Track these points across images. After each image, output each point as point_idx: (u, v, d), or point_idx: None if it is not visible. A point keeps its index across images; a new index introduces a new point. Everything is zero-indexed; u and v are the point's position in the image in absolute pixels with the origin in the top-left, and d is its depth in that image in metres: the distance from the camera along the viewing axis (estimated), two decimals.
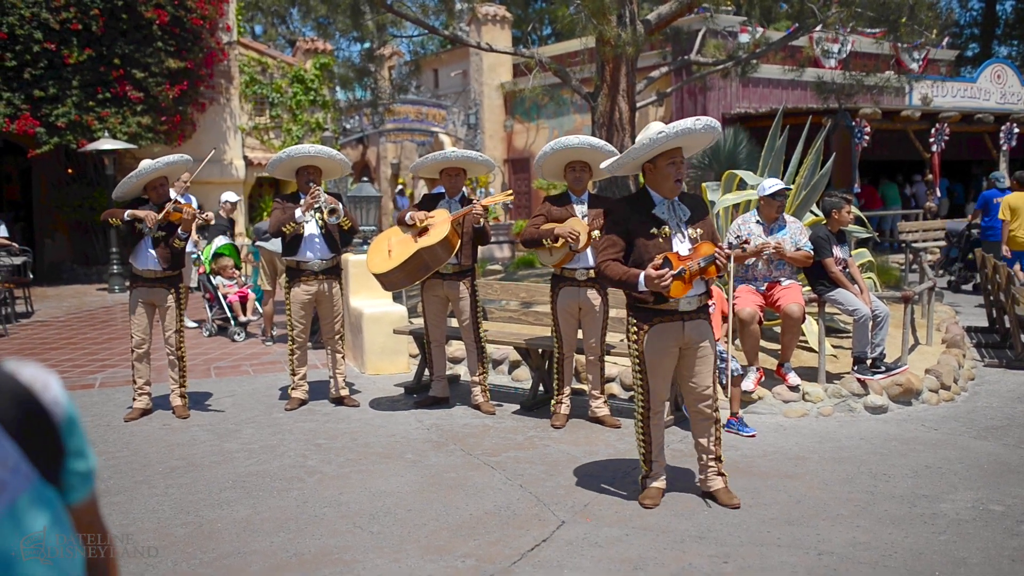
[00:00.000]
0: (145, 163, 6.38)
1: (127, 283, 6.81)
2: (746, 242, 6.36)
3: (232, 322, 9.98)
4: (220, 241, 10.39)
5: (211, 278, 10.23)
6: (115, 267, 14.18)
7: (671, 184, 4.41)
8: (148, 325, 6.54)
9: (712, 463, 4.63)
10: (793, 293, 6.53)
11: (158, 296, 6.49)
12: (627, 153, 4.46)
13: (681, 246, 4.39)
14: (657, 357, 4.46)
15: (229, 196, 10.85)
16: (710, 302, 6.28)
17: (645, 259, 4.31)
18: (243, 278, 10.40)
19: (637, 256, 4.37)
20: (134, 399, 6.58)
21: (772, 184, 6.58)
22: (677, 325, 4.41)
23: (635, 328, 4.49)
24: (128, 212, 6.37)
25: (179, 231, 6.43)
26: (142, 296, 6.48)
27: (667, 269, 4.18)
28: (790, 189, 6.54)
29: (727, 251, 4.31)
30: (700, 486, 4.74)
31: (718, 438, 4.65)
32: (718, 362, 5.99)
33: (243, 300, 10.14)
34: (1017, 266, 10.65)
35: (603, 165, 4.81)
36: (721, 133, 4.58)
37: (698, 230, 4.44)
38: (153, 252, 6.39)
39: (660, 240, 4.36)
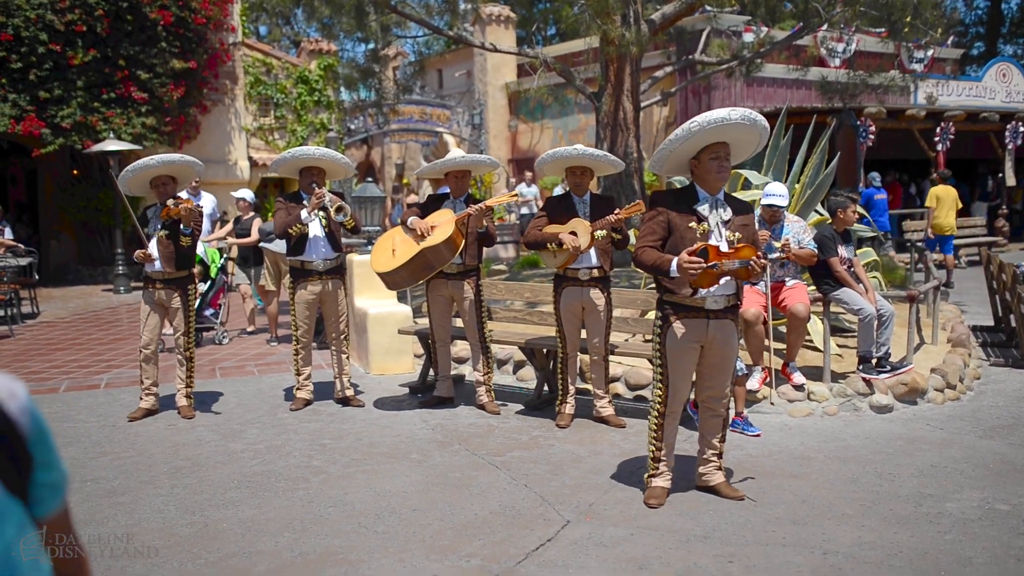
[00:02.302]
0: (156, 156, 6.39)
1: (132, 283, 6.80)
2: (785, 246, 6.38)
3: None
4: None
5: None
6: (120, 268, 14.21)
7: (713, 178, 4.42)
8: (157, 326, 6.56)
9: (714, 458, 4.70)
10: (799, 293, 6.53)
11: (167, 297, 6.51)
12: (666, 144, 4.42)
13: (718, 244, 4.40)
14: (679, 352, 4.47)
15: (245, 194, 10.30)
16: None
17: (681, 250, 4.31)
18: (203, 286, 9.52)
19: (673, 247, 4.39)
20: (140, 399, 6.60)
21: (769, 195, 6.58)
22: (702, 322, 4.44)
23: (660, 322, 4.52)
24: (136, 255, 6.44)
25: (181, 227, 6.40)
26: (152, 297, 6.51)
27: (701, 259, 4.18)
28: (783, 208, 6.55)
29: (764, 260, 4.29)
30: (698, 482, 4.76)
31: (724, 436, 4.72)
32: None
33: None
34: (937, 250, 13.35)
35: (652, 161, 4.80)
36: (767, 130, 4.45)
37: (736, 234, 4.43)
38: (157, 253, 6.41)
39: (698, 235, 4.39)
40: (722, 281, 4.32)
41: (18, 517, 1.10)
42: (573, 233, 5.92)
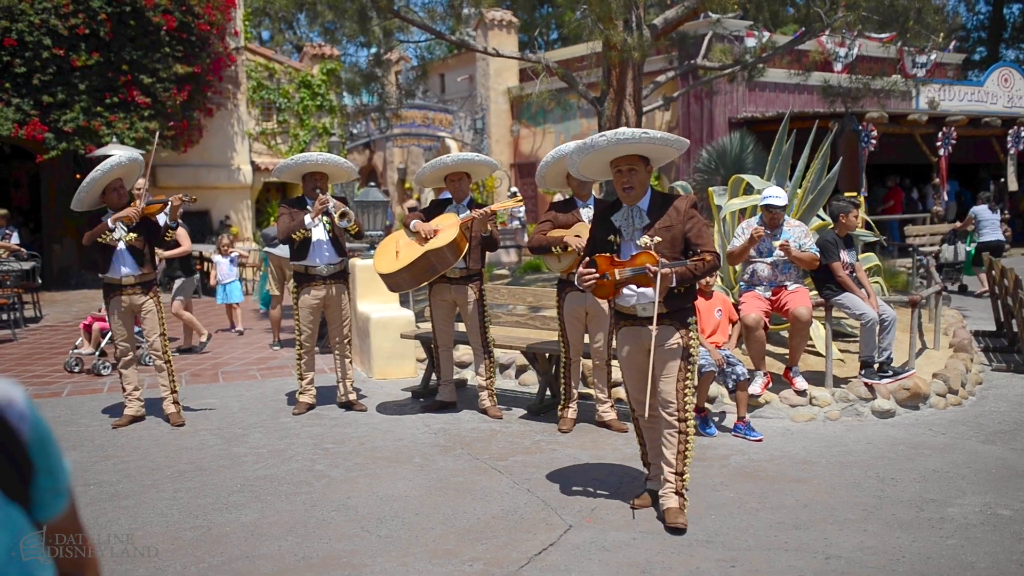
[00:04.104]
0: (96, 170, 6.11)
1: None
2: (783, 246, 6.40)
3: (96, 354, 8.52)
4: None
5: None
6: None
7: (620, 192, 4.45)
8: (131, 332, 6.50)
9: (672, 477, 4.38)
10: (801, 296, 6.53)
11: (137, 302, 6.41)
12: (569, 163, 4.60)
13: (614, 254, 4.40)
14: (623, 358, 4.59)
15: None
16: (716, 308, 6.32)
17: None
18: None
19: None
20: (125, 405, 6.55)
21: (766, 197, 6.59)
22: (636, 329, 4.45)
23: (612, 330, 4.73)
24: (111, 219, 6.19)
25: (168, 221, 6.36)
26: (121, 305, 6.39)
27: (592, 270, 4.30)
28: (780, 208, 6.56)
29: (655, 268, 4.13)
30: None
31: (683, 452, 4.39)
32: (724, 366, 6.02)
33: (87, 328, 8.83)
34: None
35: (568, 163, 4.73)
36: (656, 140, 4.28)
37: (655, 238, 4.32)
38: (128, 256, 6.30)
39: (614, 246, 4.44)
40: (625, 290, 4.36)
41: (16, 524, 1.08)
42: (578, 236, 5.93)
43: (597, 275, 4.28)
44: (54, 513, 1.17)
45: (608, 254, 4.35)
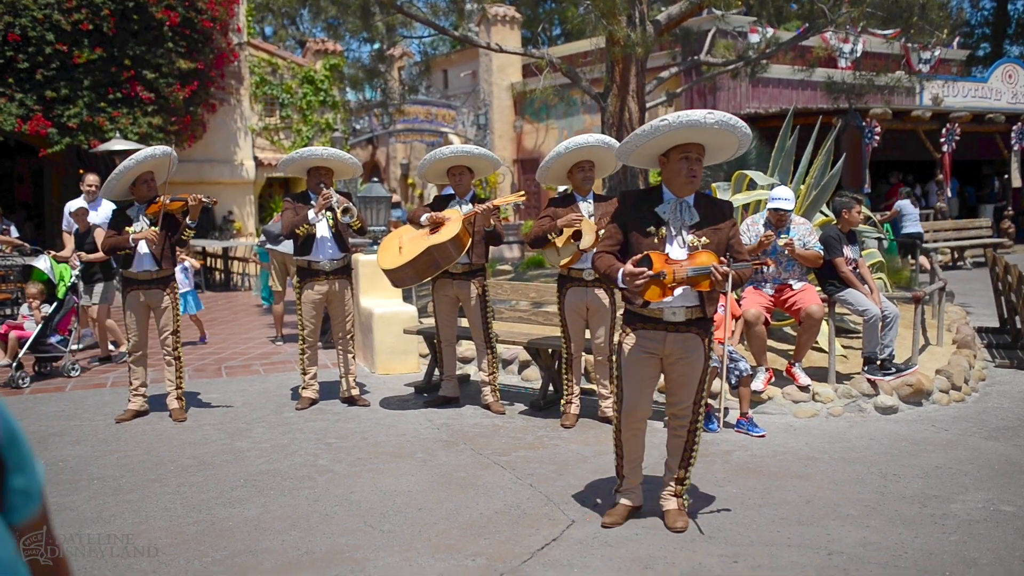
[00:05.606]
0: (129, 159, 6.21)
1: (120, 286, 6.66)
2: (788, 244, 6.39)
3: (12, 367, 7.70)
4: (41, 263, 8.42)
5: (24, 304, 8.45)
6: None
7: (681, 180, 4.06)
8: (144, 328, 6.52)
9: (671, 483, 4.35)
10: (811, 294, 6.55)
11: (154, 297, 6.42)
12: (632, 137, 4.10)
13: (678, 250, 4.06)
14: (633, 364, 4.20)
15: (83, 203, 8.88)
16: (720, 304, 6.31)
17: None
18: (41, 309, 8.17)
19: (630, 252, 4.09)
20: (129, 400, 6.55)
21: (775, 199, 6.58)
22: (660, 335, 4.12)
23: (620, 330, 4.33)
24: (132, 238, 6.24)
25: (187, 220, 6.39)
26: (138, 299, 6.41)
27: (645, 268, 3.91)
28: (789, 211, 6.55)
29: (725, 269, 3.88)
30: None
31: (687, 459, 4.32)
32: (727, 362, 6.01)
33: (3, 338, 8.17)
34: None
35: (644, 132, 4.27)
36: (748, 135, 4.10)
37: (702, 238, 4.05)
38: (147, 252, 6.33)
39: (655, 240, 4.07)
40: (677, 292, 4.00)
41: None
42: (578, 231, 5.92)
43: (652, 273, 3.87)
44: (26, 516, 1.14)
45: (662, 252, 4.00)
